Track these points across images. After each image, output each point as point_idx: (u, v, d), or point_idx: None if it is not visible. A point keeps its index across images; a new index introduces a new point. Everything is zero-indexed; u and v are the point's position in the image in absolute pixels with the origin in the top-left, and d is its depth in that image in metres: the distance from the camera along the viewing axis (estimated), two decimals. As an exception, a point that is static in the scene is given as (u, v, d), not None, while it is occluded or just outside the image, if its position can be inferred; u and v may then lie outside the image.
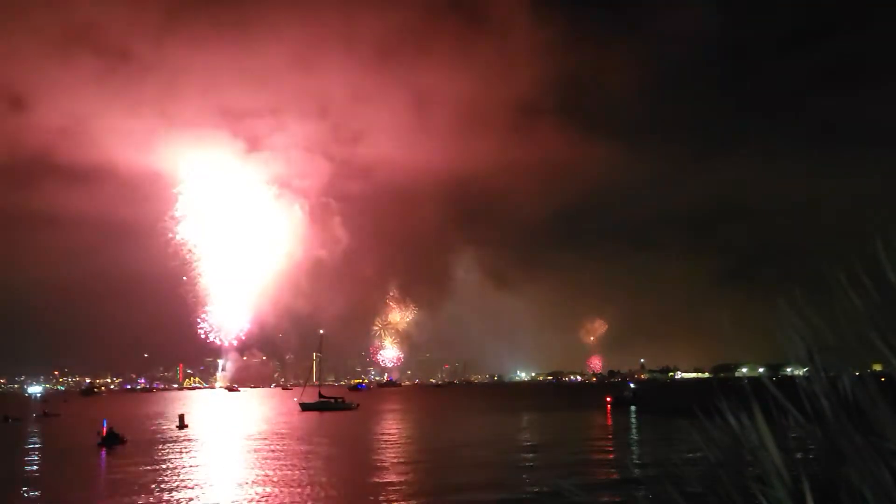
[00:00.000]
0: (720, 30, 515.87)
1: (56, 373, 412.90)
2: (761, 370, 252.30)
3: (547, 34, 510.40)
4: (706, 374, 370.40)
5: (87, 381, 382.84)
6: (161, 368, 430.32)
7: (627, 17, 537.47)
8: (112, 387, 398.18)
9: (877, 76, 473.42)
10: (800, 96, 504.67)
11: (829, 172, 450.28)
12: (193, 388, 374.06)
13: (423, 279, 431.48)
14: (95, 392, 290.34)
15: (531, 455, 42.28)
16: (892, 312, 3.12)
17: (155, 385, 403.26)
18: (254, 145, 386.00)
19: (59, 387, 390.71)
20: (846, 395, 3.00)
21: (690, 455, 3.73)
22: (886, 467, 2.77)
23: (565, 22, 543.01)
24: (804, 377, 3.19)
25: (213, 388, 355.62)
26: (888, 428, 2.72)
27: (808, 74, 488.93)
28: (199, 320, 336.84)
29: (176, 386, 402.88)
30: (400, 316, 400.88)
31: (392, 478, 33.37)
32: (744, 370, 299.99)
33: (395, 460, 40.78)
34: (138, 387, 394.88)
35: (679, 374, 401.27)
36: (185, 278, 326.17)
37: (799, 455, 3.07)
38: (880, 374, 2.98)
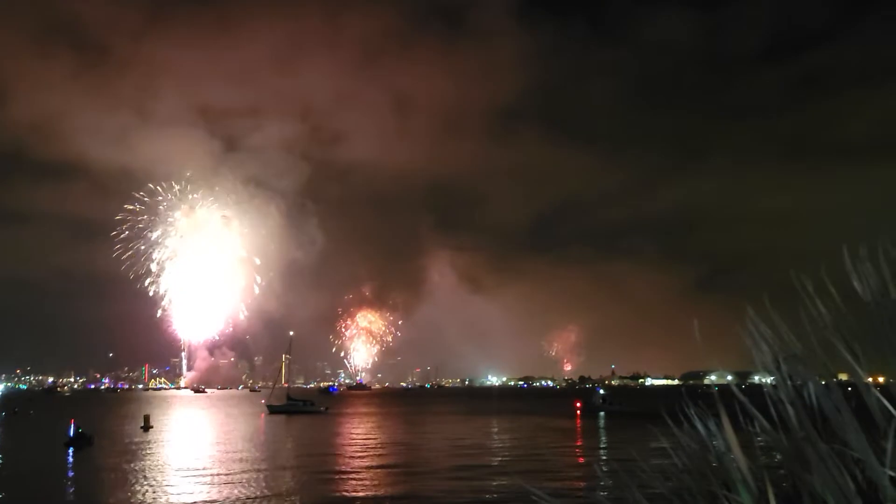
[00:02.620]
0: (697, 42, 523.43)
1: (18, 371, 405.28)
2: (730, 378, 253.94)
3: (529, 42, 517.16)
4: (675, 381, 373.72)
5: (50, 380, 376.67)
6: (126, 368, 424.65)
7: (608, 27, 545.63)
8: (76, 386, 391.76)
9: (847, 90, 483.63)
10: (773, 108, 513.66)
11: (799, 183, 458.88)
12: (159, 389, 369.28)
13: (397, 283, 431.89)
14: (58, 392, 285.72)
15: (499, 460, 42.33)
16: (858, 321, 3.17)
17: (119, 385, 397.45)
18: (231, 145, 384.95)
19: (20, 386, 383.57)
20: (811, 402, 3.04)
21: (658, 460, 3.75)
22: (849, 474, 2.80)
23: (547, 30, 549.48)
24: (771, 385, 3.23)
25: (178, 388, 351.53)
26: (851, 436, 2.75)
27: (782, 87, 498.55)
28: (166, 320, 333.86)
29: (141, 386, 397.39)
30: (373, 319, 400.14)
31: (358, 488, 33.23)
32: (712, 377, 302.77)
33: (361, 468, 40.59)
34: (102, 387, 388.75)
35: (649, 381, 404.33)
36: (153, 278, 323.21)
37: (764, 461, 3.11)
38: (847, 383, 3.03)
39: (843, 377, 3.10)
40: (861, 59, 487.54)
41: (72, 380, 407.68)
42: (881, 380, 3.00)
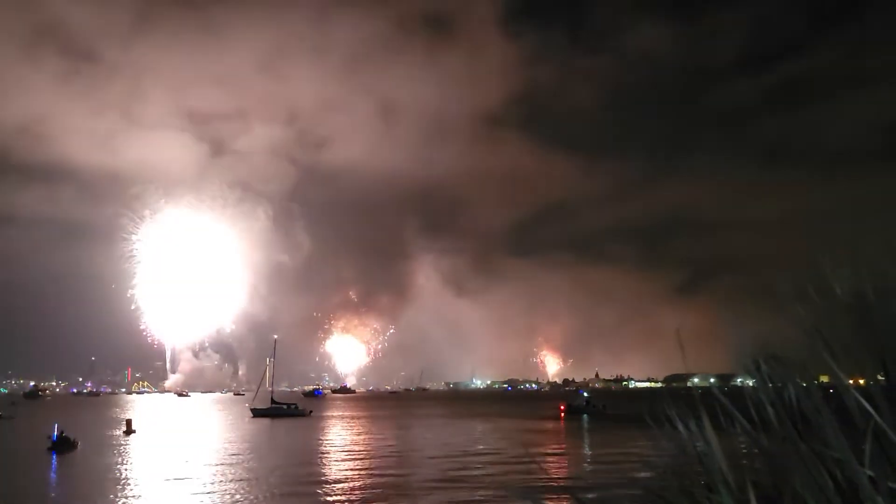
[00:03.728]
0: (677, 51, 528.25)
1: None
2: (712, 380, 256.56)
3: (513, 50, 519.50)
4: (659, 384, 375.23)
5: (32, 384, 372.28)
6: (109, 372, 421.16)
7: (591, 36, 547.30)
8: (57, 390, 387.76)
9: (822, 98, 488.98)
10: (750, 116, 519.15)
11: (778, 189, 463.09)
12: (142, 393, 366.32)
13: (383, 286, 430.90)
14: (40, 395, 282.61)
15: (483, 462, 42.32)
16: (837, 324, 3.21)
17: (102, 389, 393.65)
18: (218, 148, 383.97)
19: (1, 389, 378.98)
20: (791, 404, 3.07)
21: (639, 462, 3.77)
22: (829, 475, 2.83)
23: (531, 39, 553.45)
24: (752, 387, 3.26)
25: (162, 392, 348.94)
26: (831, 436, 2.78)
27: (758, 95, 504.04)
28: (149, 324, 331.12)
29: (124, 390, 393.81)
30: (358, 322, 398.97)
31: (341, 495, 33.13)
32: (695, 380, 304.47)
33: (344, 474, 40.50)
34: (85, 391, 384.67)
35: (632, 384, 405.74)
36: (136, 281, 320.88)
37: (745, 462, 3.14)
38: (827, 385, 3.06)
39: (824, 379, 3.13)
40: (837, 68, 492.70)
41: (54, 383, 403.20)
42: (861, 381, 3.03)
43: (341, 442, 59.90)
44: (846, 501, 2.80)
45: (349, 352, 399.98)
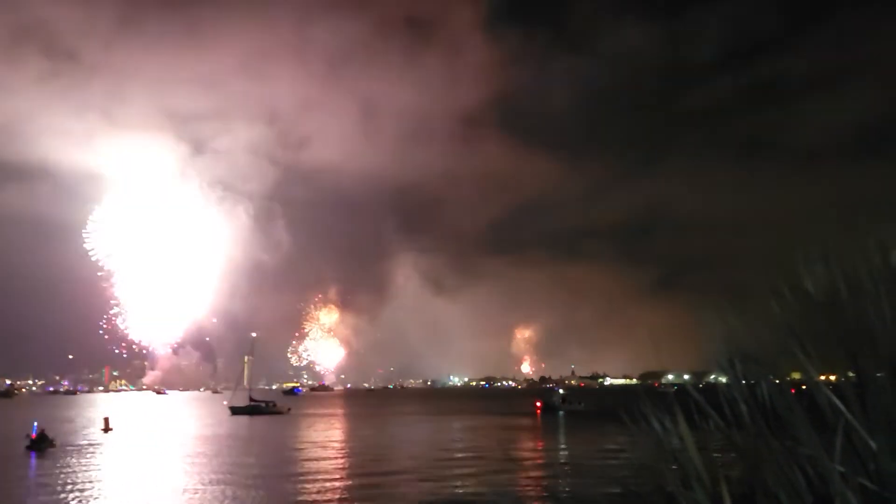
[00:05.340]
0: (655, 50, 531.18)
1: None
2: (686, 377, 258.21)
3: (493, 51, 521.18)
4: (634, 381, 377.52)
5: (8, 382, 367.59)
6: (86, 370, 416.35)
7: (569, 37, 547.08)
8: (33, 389, 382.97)
9: (797, 96, 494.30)
10: (726, 115, 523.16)
11: (754, 187, 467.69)
12: (119, 391, 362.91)
13: (362, 284, 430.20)
14: (15, 394, 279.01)
15: (461, 460, 42.38)
16: (810, 322, 3.24)
17: (79, 388, 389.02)
18: (199, 148, 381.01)
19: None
20: (764, 401, 3.11)
21: (614, 459, 3.80)
22: (800, 471, 2.87)
23: (511, 40, 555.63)
24: (725, 384, 3.30)
25: (140, 390, 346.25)
26: (803, 433, 2.82)
27: (735, 93, 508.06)
28: (127, 322, 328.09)
29: (101, 388, 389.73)
30: (337, 320, 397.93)
31: (320, 495, 33.06)
32: (670, 377, 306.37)
33: (325, 473, 40.42)
34: (61, 389, 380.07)
35: (608, 381, 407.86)
36: (115, 279, 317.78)
37: (719, 458, 3.17)
38: (800, 382, 3.09)
39: (796, 376, 3.17)
40: (812, 67, 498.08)
41: (30, 382, 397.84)
42: (832, 378, 3.07)
43: (319, 440, 59.69)
44: (817, 496, 2.84)
45: (328, 350, 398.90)
